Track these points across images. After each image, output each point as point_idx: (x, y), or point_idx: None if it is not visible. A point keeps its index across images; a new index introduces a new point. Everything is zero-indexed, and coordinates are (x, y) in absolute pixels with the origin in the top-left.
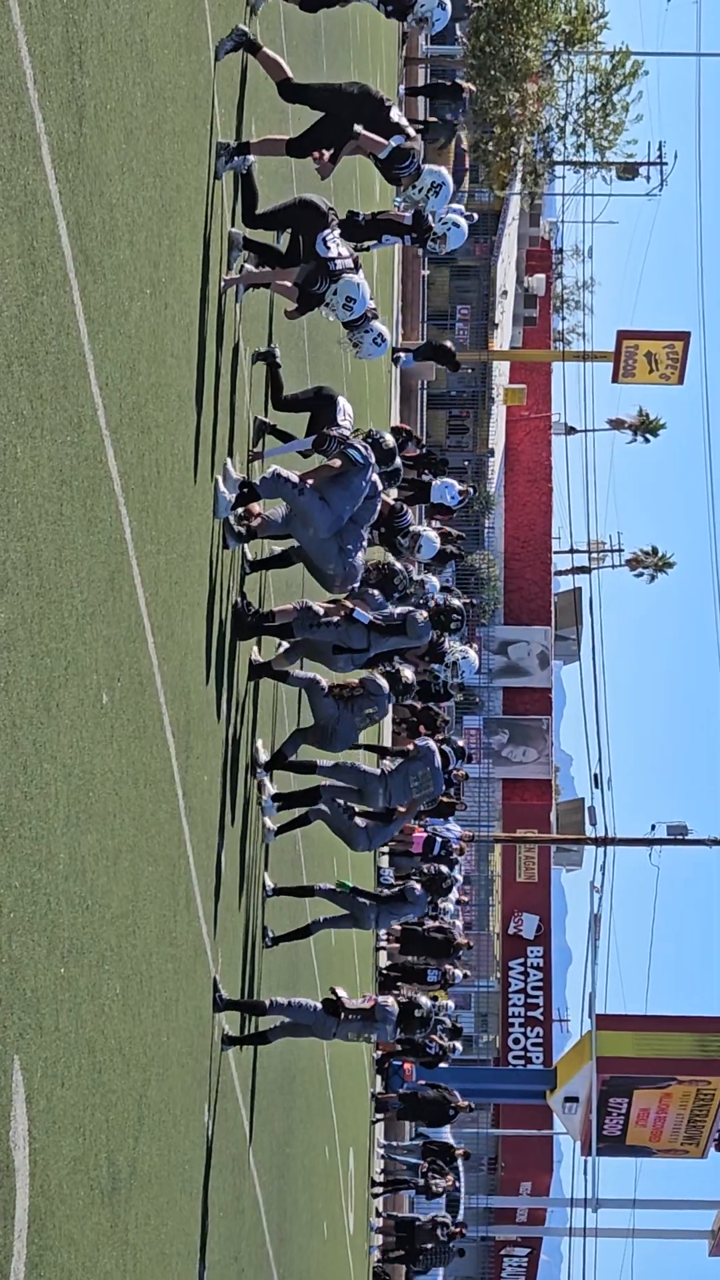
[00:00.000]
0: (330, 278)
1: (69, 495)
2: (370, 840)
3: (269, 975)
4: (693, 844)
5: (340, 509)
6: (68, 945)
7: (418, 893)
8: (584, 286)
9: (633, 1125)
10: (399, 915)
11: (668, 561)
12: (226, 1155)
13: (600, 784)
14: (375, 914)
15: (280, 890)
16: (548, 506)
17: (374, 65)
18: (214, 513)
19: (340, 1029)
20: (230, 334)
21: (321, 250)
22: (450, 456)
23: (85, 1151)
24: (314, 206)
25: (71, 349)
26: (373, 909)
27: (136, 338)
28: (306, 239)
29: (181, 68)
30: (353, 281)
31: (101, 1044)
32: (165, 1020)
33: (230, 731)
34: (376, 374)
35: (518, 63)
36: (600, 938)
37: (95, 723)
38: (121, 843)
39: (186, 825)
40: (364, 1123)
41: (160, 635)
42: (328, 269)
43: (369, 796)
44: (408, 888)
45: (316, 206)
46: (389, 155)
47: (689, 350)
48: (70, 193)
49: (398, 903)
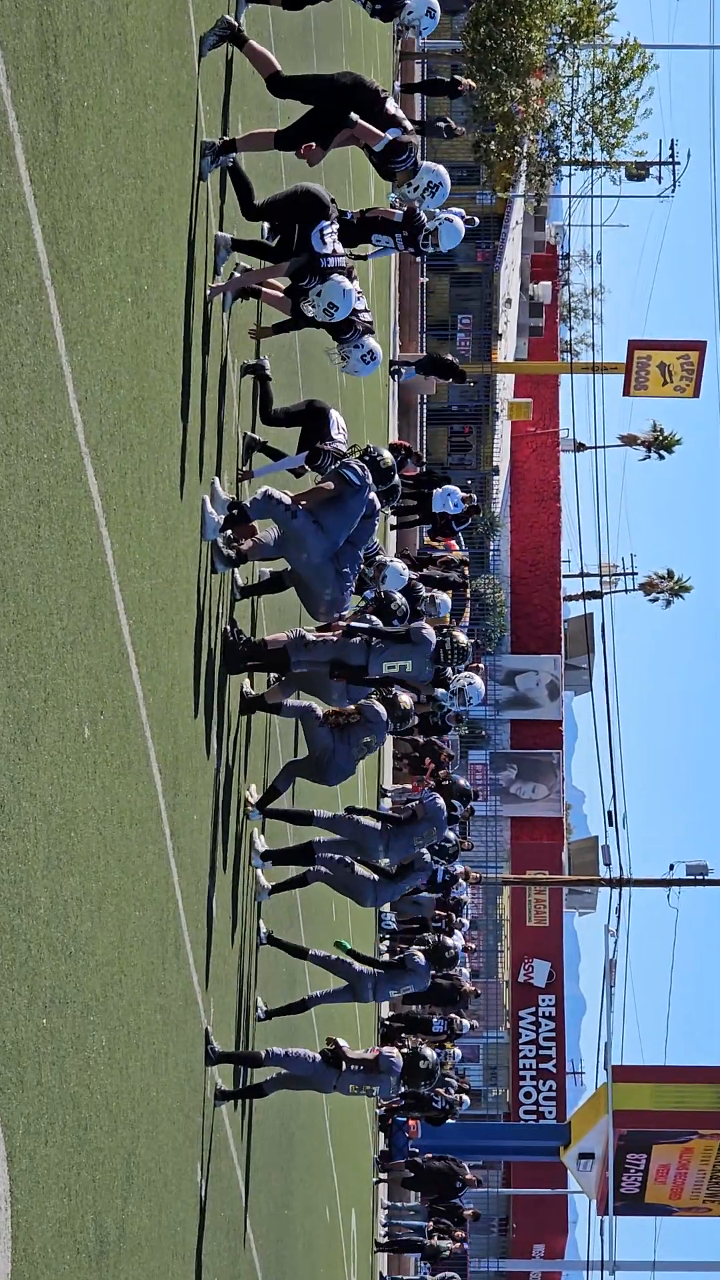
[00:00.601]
0: (319, 275)
1: (47, 516)
2: (377, 895)
3: (264, 1026)
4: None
5: (336, 532)
6: (50, 995)
7: (419, 962)
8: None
9: (652, 1183)
10: (399, 986)
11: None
12: (221, 1217)
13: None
14: (374, 985)
15: (274, 941)
16: (556, 528)
17: (368, 60)
18: (201, 535)
19: (341, 1081)
20: (217, 345)
21: (316, 244)
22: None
23: (71, 1213)
24: (316, 196)
25: (48, 361)
26: (370, 978)
27: (117, 349)
28: (303, 230)
29: (163, 63)
30: (340, 285)
31: (87, 1099)
32: (154, 1074)
33: (221, 767)
34: (374, 388)
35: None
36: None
37: (77, 758)
38: (106, 886)
39: (175, 867)
40: (366, 1182)
41: (145, 665)
42: (318, 265)
43: (368, 852)
44: (409, 956)
45: (318, 196)
46: (385, 149)
47: (705, 361)
48: (46, 195)
49: (398, 972)
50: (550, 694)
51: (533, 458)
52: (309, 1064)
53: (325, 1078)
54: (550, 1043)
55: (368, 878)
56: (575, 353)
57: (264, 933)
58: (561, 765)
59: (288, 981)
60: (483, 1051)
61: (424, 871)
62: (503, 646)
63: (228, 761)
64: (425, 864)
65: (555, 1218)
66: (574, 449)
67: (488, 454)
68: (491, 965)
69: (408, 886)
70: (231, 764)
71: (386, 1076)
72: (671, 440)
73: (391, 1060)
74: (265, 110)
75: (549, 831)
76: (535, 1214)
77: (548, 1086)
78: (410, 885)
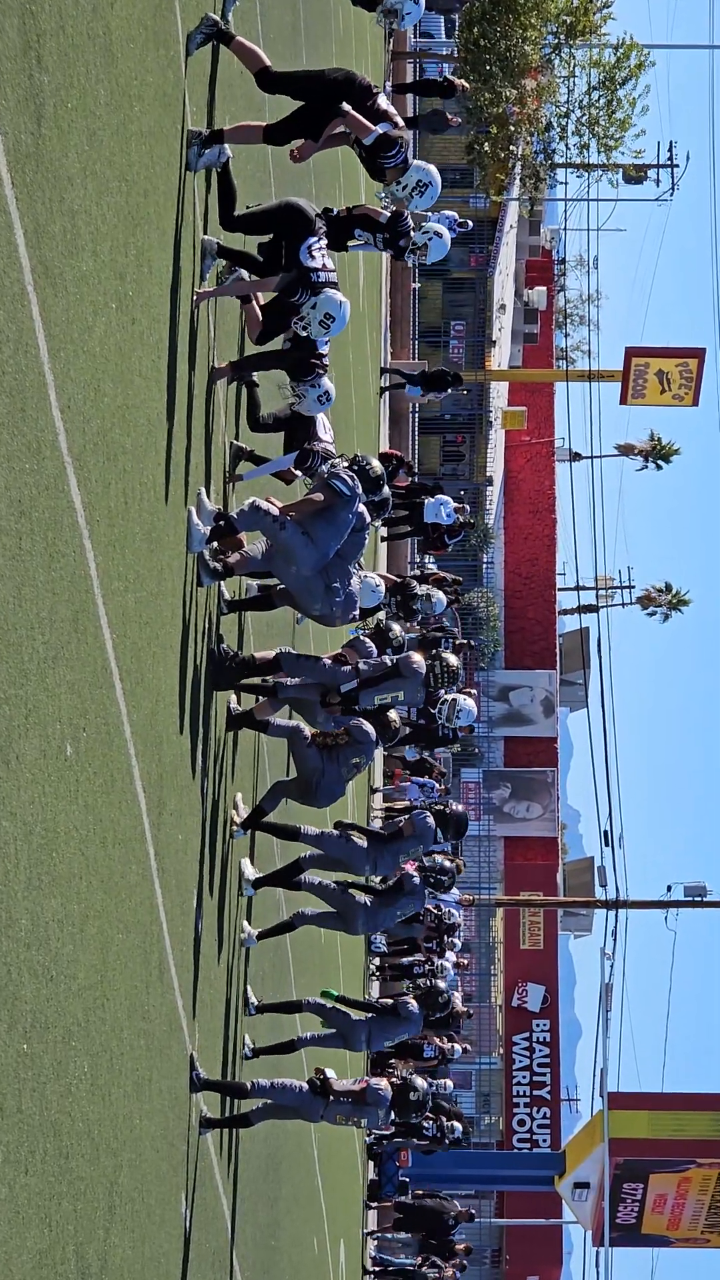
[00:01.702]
0: (311, 290)
1: (28, 528)
2: (371, 921)
3: (251, 1037)
4: (713, 906)
5: (325, 545)
6: (30, 1019)
7: (413, 1010)
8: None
9: (649, 1213)
10: (393, 1036)
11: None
12: (206, 1248)
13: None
14: (367, 1035)
15: (265, 1008)
16: (551, 540)
17: (359, 60)
18: (187, 547)
19: (329, 1111)
20: (203, 352)
21: (305, 259)
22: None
23: (52, 1244)
24: (300, 211)
25: (30, 369)
26: (364, 1028)
27: (101, 356)
28: (290, 246)
29: (149, 63)
30: (335, 299)
31: (68, 1127)
32: (138, 1101)
33: (207, 786)
34: (364, 395)
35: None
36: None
37: (59, 776)
38: (88, 908)
39: (159, 888)
40: (355, 1213)
41: (129, 681)
42: (309, 280)
43: (354, 871)
44: (402, 1005)
45: (303, 212)
46: (374, 143)
47: (704, 368)
48: (28, 199)
49: (391, 1020)
50: (545, 710)
51: (527, 468)
52: (296, 1094)
53: (313, 1107)
54: (544, 1069)
55: (358, 901)
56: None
57: (252, 1004)
58: (556, 784)
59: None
60: (475, 1078)
61: (414, 897)
62: (496, 661)
63: (214, 780)
64: (415, 887)
65: (550, 1249)
66: (570, 459)
67: (481, 464)
68: (484, 989)
69: (399, 913)
70: (218, 783)
71: (375, 1109)
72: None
73: (380, 1092)
74: (253, 111)
75: (544, 852)
76: (529, 1245)
77: (542, 1114)
78: (401, 912)
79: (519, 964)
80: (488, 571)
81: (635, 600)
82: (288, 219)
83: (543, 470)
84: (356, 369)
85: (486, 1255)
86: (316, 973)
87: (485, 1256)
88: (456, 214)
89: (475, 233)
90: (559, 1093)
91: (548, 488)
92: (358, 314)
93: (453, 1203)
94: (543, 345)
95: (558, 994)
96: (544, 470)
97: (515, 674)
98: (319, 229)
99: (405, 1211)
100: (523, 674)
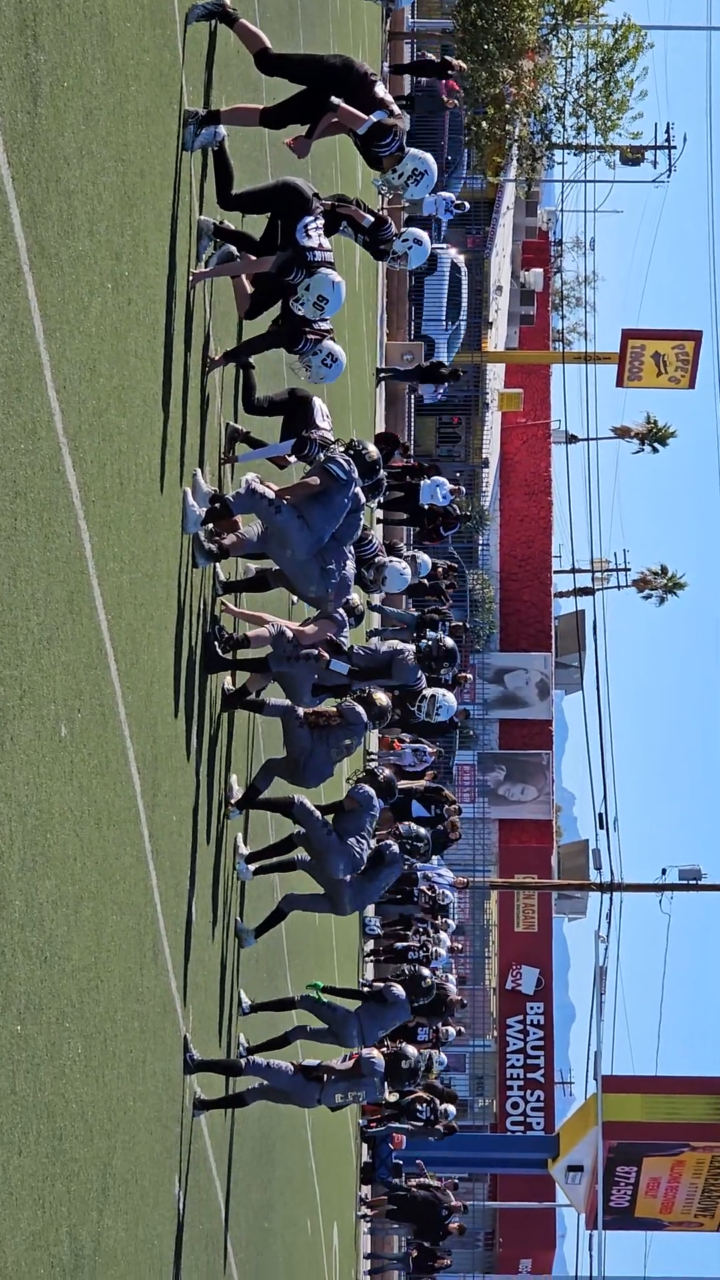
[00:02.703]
0: (306, 269)
1: (24, 509)
2: (357, 898)
3: (245, 1035)
4: (707, 889)
5: (321, 529)
6: (24, 1001)
7: (398, 995)
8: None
9: (642, 1196)
10: (384, 1025)
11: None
12: (199, 1230)
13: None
14: (358, 1028)
15: (258, 1007)
16: (547, 522)
17: (355, 41)
18: (182, 528)
19: (326, 1094)
20: (199, 332)
21: (301, 238)
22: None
23: (45, 1226)
24: (297, 190)
25: (26, 349)
26: (354, 1021)
27: (97, 336)
28: (286, 225)
29: (145, 43)
30: (329, 278)
31: (62, 1108)
32: (132, 1083)
33: (201, 767)
34: (360, 377)
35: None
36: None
37: (53, 757)
38: (83, 889)
39: (154, 870)
40: (349, 1195)
41: (124, 662)
42: (304, 259)
43: (328, 866)
44: (387, 989)
45: (300, 191)
46: (368, 131)
47: (701, 351)
48: (24, 178)
49: (377, 1008)
50: (540, 693)
51: (523, 450)
52: (289, 1076)
53: (307, 1093)
54: (538, 1052)
55: (343, 879)
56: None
57: (245, 1005)
58: (551, 766)
59: (269, 990)
60: (469, 1060)
61: (394, 866)
62: (492, 644)
63: (208, 761)
64: (393, 855)
65: (543, 1232)
66: (566, 441)
67: (477, 446)
68: (478, 971)
69: (384, 883)
70: (212, 764)
71: (370, 1079)
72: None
73: (373, 1062)
74: (250, 91)
75: (538, 834)
76: (522, 1228)
77: (535, 1097)
78: (386, 882)
79: (513, 947)
80: (483, 554)
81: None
82: (284, 198)
83: (539, 452)
84: (353, 349)
85: (479, 1238)
86: (311, 956)
87: (478, 1239)
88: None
89: (472, 214)
90: (553, 1076)
91: (544, 470)
92: (353, 294)
93: (447, 1194)
94: (539, 327)
95: (552, 977)
96: (540, 452)
97: (510, 656)
98: (316, 209)
99: (399, 1203)
100: (518, 656)
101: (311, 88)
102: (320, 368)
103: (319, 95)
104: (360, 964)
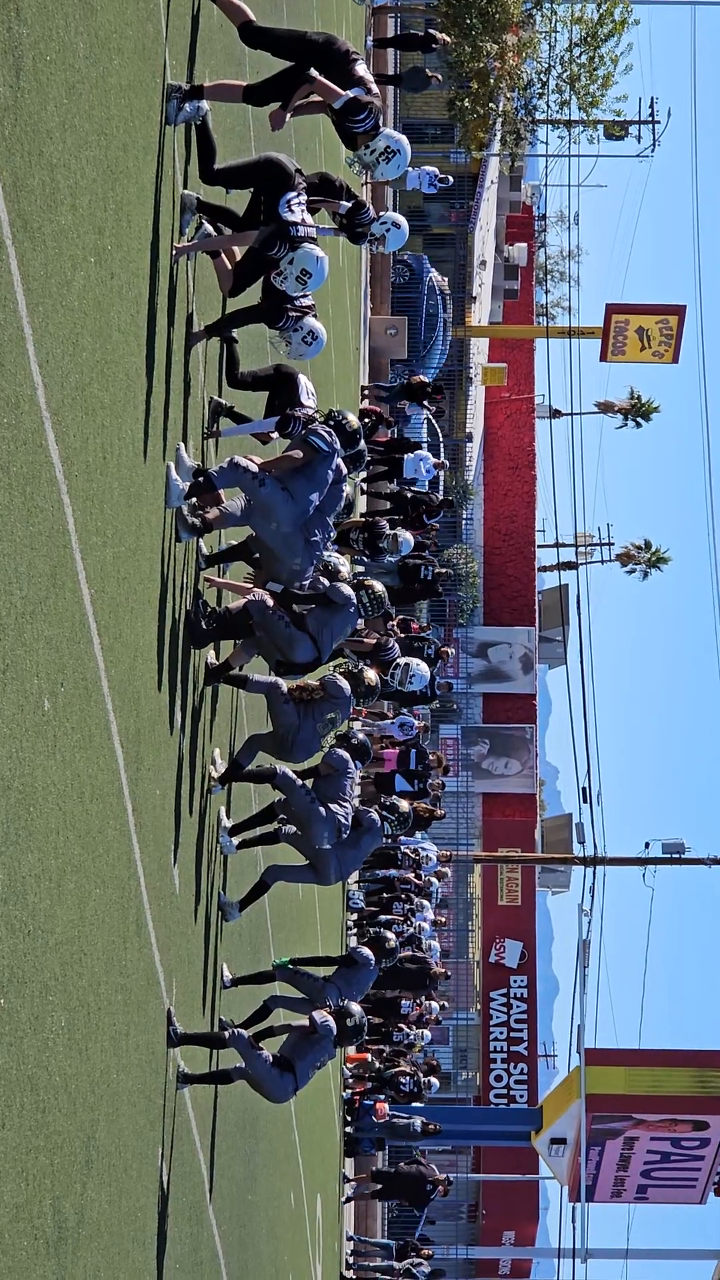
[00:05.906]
0: (289, 244)
1: (6, 483)
2: (341, 867)
3: (228, 1009)
4: (690, 863)
5: (305, 501)
6: (7, 974)
7: (365, 954)
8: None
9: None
10: (360, 988)
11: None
12: (183, 1203)
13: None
14: (336, 995)
15: (239, 980)
16: (531, 496)
17: (339, 14)
18: (165, 502)
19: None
20: (182, 307)
21: (284, 212)
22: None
23: (28, 1198)
24: (279, 165)
25: (8, 323)
26: (332, 991)
27: (80, 310)
28: (269, 200)
29: (128, 16)
30: (313, 254)
31: (45, 1081)
32: (115, 1056)
33: (184, 741)
34: (344, 351)
35: (496, 11)
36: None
37: (36, 732)
38: (66, 863)
39: (137, 844)
40: (332, 1168)
41: (107, 636)
42: (287, 233)
43: (312, 836)
44: (354, 951)
45: (282, 166)
46: (344, 106)
47: (684, 325)
48: (6, 152)
49: (348, 972)
50: (524, 667)
51: (507, 424)
52: (266, 1065)
53: (281, 1087)
54: (522, 1025)
55: (327, 849)
56: (551, 316)
57: (226, 979)
58: (535, 740)
59: (252, 962)
60: (452, 1033)
61: (374, 833)
62: (475, 618)
63: (191, 735)
64: (372, 822)
65: (526, 1204)
66: (549, 416)
67: (460, 420)
68: (462, 945)
69: (364, 851)
70: (195, 738)
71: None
72: (650, 407)
73: (325, 1023)
74: (234, 65)
75: (522, 808)
76: (505, 1200)
77: (519, 1069)
78: (367, 849)
79: (497, 920)
80: (467, 528)
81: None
82: (267, 173)
83: (522, 427)
84: (336, 324)
85: (463, 1210)
86: (294, 929)
87: (462, 1211)
88: (437, 169)
89: (455, 188)
90: (536, 1048)
91: (527, 444)
92: (336, 269)
93: (431, 1168)
94: (523, 301)
95: (535, 950)
96: (524, 427)
97: (494, 630)
98: (299, 184)
99: (384, 1180)
100: (501, 630)
101: (294, 64)
102: (300, 345)
103: (301, 71)
104: (344, 936)
